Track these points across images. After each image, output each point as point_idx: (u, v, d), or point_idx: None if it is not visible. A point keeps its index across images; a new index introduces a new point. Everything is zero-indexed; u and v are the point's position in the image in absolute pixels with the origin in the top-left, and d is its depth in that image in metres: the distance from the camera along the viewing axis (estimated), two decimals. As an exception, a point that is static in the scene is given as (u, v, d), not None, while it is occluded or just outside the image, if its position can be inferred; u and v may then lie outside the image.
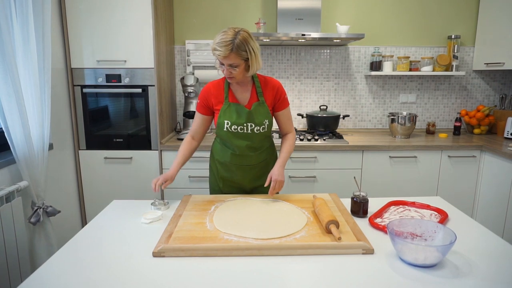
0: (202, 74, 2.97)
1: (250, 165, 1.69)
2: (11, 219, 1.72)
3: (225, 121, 1.60)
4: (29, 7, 1.85)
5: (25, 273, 1.82)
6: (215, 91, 1.63)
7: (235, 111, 1.59)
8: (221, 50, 1.43)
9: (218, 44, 1.43)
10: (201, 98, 1.65)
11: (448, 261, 1.09)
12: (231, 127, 1.60)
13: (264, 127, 1.63)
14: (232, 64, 1.47)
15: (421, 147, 2.60)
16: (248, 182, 1.73)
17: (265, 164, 1.74)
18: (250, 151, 1.66)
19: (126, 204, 1.57)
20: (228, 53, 1.43)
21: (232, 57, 1.45)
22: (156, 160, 2.59)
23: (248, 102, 1.62)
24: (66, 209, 2.45)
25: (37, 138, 1.94)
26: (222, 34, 1.45)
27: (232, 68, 1.49)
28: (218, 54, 1.44)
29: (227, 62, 1.47)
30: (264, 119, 1.62)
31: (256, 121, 1.60)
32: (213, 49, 1.46)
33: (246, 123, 1.59)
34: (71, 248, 1.19)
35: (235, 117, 1.59)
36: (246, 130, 1.61)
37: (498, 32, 2.80)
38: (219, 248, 1.13)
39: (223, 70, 1.51)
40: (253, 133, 1.62)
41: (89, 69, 2.49)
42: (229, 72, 1.50)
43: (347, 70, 3.10)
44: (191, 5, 2.97)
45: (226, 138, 1.65)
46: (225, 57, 1.45)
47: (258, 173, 1.73)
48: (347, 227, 1.28)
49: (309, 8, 2.70)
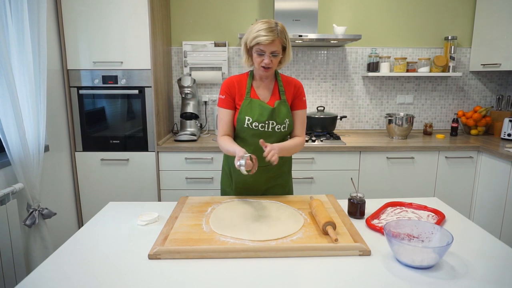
0: (199, 75, 2.97)
1: (265, 166, 1.60)
2: (6, 222, 1.71)
3: (246, 117, 1.55)
4: (24, 8, 1.84)
5: (20, 276, 1.80)
6: (237, 85, 1.58)
7: (258, 108, 1.55)
8: (267, 36, 1.41)
9: (263, 31, 1.41)
10: (225, 91, 1.58)
11: (445, 263, 1.09)
12: (252, 124, 1.55)
13: (285, 126, 1.58)
14: (275, 51, 1.46)
15: (418, 148, 2.60)
16: (263, 183, 1.67)
17: (280, 166, 1.67)
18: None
19: (122, 206, 1.56)
20: (275, 38, 1.43)
21: (277, 43, 1.44)
22: (153, 161, 2.58)
23: (270, 100, 1.59)
24: (62, 211, 2.44)
25: (33, 140, 1.93)
26: (262, 23, 1.44)
27: (273, 57, 1.46)
28: (265, 39, 1.41)
29: (271, 49, 1.45)
30: (286, 118, 1.58)
31: (278, 119, 1.56)
32: (255, 36, 1.43)
33: (268, 121, 1.55)
34: (66, 250, 1.18)
35: (257, 114, 1.54)
36: (267, 128, 1.56)
37: (494, 33, 2.81)
38: (215, 250, 1.13)
39: (262, 60, 1.47)
40: (273, 132, 1.57)
41: (86, 71, 2.48)
42: (270, 61, 1.47)
43: (344, 71, 3.10)
44: (188, 6, 2.96)
45: (244, 135, 1.59)
46: (271, 43, 1.43)
47: (273, 174, 1.67)
48: (344, 228, 1.27)
49: (306, 9, 2.70)
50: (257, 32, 1.43)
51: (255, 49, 1.47)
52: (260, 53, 1.46)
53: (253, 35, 1.44)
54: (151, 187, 2.61)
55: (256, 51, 1.47)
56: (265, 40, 1.42)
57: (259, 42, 1.43)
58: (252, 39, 1.45)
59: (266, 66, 1.49)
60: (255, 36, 1.43)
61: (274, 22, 1.45)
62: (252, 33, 1.45)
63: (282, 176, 1.71)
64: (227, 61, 3.01)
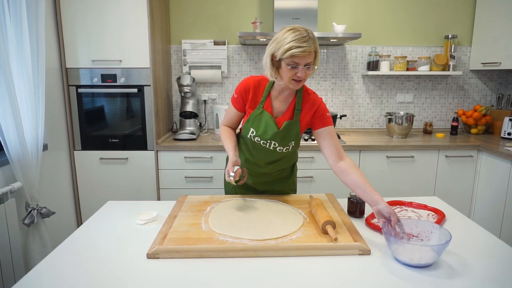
0: (198, 74, 2.96)
1: (265, 173, 1.60)
2: (4, 221, 1.71)
3: (251, 128, 1.47)
4: (22, 6, 1.83)
5: (19, 275, 1.80)
6: (254, 89, 1.47)
7: (265, 124, 1.45)
8: (305, 46, 1.25)
9: (297, 41, 1.24)
10: (239, 92, 1.49)
11: (445, 262, 1.08)
12: (254, 137, 1.48)
13: (288, 148, 1.49)
14: (310, 62, 1.30)
15: (418, 147, 2.60)
16: (261, 186, 1.65)
17: (280, 172, 1.64)
18: (267, 163, 1.57)
19: (121, 205, 1.56)
20: (312, 49, 1.27)
21: (312, 54, 1.29)
22: (152, 160, 2.57)
23: (283, 115, 1.47)
24: (61, 210, 2.43)
25: (31, 138, 1.92)
26: (293, 31, 1.27)
27: (307, 69, 1.30)
28: (303, 50, 1.25)
29: (306, 61, 1.28)
30: (291, 140, 1.48)
31: (282, 142, 1.47)
32: (289, 48, 1.25)
33: (270, 141, 1.46)
34: (65, 249, 1.17)
35: (261, 130, 1.46)
36: (268, 146, 1.48)
37: (494, 32, 2.80)
38: (214, 249, 1.12)
39: (295, 73, 1.30)
40: (274, 151, 1.50)
41: (84, 69, 2.47)
42: (305, 73, 1.30)
43: (344, 70, 3.09)
44: (187, 4, 2.95)
45: (247, 142, 1.54)
46: (309, 53, 1.27)
47: (272, 179, 1.65)
48: (344, 227, 1.26)
49: (306, 8, 2.69)
50: (290, 43, 1.25)
51: (287, 61, 1.29)
52: (293, 66, 1.29)
53: (286, 47, 1.26)
54: (150, 186, 2.61)
55: (289, 63, 1.29)
56: (302, 52, 1.25)
57: (294, 54, 1.26)
58: (284, 51, 1.26)
59: (299, 79, 1.32)
60: (289, 48, 1.25)
61: (304, 30, 1.28)
62: (284, 44, 1.26)
63: (282, 182, 1.68)
64: (227, 59, 3.00)
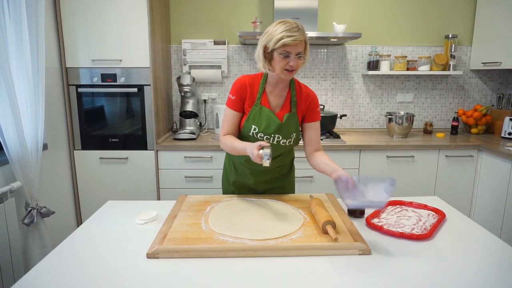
0: (198, 74, 2.95)
1: (265, 170, 1.58)
2: (4, 220, 1.70)
3: (253, 126, 1.48)
4: (22, 5, 1.82)
5: (19, 274, 1.79)
6: (249, 87, 1.49)
7: (266, 118, 1.47)
8: (296, 35, 1.32)
9: (288, 31, 1.32)
10: (236, 91, 1.49)
11: (445, 261, 1.08)
12: (257, 134, 1.49)
13: (290, 141, 1.52)
14: (300, 52, 1.37)
15: (419, 146, 2.59)
16: (262, 185, 1.65)
17: (280, 168, 1.65)
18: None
19: (121, 204, 1.55)
20: (302, 38, 1.34)
21: (303, 44, 1.36)
22: (152, 160, 2.57)
23: (281, 109, 1.51)
24: (61, 210, 2.43)
25: (31, 138, 1.92)
26: (283, 23, 1.34)
27: (298, 58, 1.37)
28: (294, 39, 1.32)
29: (297, 50, 1.35)
30: (293, 132, 1.51)
31: (285, 134, 1.50)
32: (281, 38, 1.32)
33: (273, 134, 1.48)
34: (64, 249, 1.17)
35: (264, 125, 1.47)
36: (272, 141, 1.49)
37: (495, 31, 2.80)
38: (214, 249, 1.12)
39: (287, 63, 1.37)
40: (278, 145, 1.51)
41: (84, 69, 2.46)
42: (296, 62, 1.37)
43: (344, 70, 3.09)
44: (187, 3, 2.95)
45: (249, 141, 1.51)
46: (300, 42, 1.34)
47: (273, 177, 1.65)
48: (344, 227, 1.26)
49: (306, 8, 2.69)
50: (281, 33, 1.32)
51: (279, 51, 1.35)
52: (285, 55, 1.35)
53: (278, 37, 1.32)
54: (150, 185, 2.60)
55: (281, 53, 1.35)
56: (293, 41, 1.32)
57: (286, 43, 1.32)
58: (277, 41, 1.33)
59: (291, 68, 1.39)
60: (281, 38, 1.32)
61: (293, 22, 1.36)
62: (276, 35, 1.33)
63: (283, 179, 1.68)
64: (227, 59, 3.00)
